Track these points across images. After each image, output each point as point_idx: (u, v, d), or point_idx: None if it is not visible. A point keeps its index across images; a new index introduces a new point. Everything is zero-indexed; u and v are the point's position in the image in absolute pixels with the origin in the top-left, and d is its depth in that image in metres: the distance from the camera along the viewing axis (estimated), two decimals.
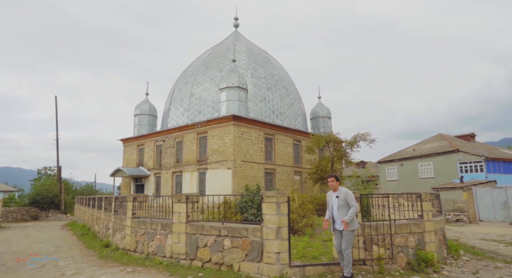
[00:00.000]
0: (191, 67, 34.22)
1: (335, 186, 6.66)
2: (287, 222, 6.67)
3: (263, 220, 6.90)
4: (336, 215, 6.56)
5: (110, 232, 12.51)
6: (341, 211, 6.45)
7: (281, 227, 6.64)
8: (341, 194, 6.53)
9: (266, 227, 6.71)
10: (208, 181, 25.97)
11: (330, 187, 6.72)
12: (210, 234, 7.57)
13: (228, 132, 25.18)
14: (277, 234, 6.61)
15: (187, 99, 31.08)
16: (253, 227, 7.05)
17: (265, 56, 33.98)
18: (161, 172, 30.64)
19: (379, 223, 7.10)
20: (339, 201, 6.50)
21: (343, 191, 6.58)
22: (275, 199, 6.71)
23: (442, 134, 36.29)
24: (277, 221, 6.64)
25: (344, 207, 6.43)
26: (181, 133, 29.16)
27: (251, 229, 7.04)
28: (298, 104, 33.33)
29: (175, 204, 8.29)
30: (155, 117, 36.38)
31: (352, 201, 6.40)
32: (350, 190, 6.59)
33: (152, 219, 9.25)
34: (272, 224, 6.65)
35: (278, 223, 6.64)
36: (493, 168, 28.87)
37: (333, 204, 6.69)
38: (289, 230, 6.66)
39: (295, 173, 29.70)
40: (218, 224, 7.65)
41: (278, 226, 6.63)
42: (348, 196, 6.45)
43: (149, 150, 32.77)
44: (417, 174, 33.19)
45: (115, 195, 12.46)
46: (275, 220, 6.66)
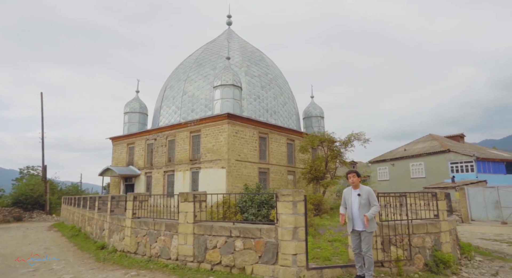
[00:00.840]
0: (183, 65, 33.64)
1: (356, 182, 6.26)
2: (304, 222, 6.37)
3: (277, 220, 6.58)
4: (357, 214, 6.14)
5: (105, 233, 11.98)
6: (362, 211, 6.07)
7: (298, 227, 6.33)
8: (364, 192, 6.14)
9: (282, 227, 6.40)
10: (201, 181, 25.50)
11: (351, 183, 6.31)
12: (220, 235, 7.21)
13: (222, 131, 24.77)
14: (294, 234, 6.30)
15: (180, 97, 30.51)
16: (267, 227, 6.72)
17: (259, 54, 33.69)
18: (152, 171, 29.98)
19: (397, 222, 6.88)
20: (360, 200, 6.09)
21: (365, 189, 6.20)
22: (291, 198, 6.41)
23: (433, 135, 36.71)
24: (294, 220, 6.34)
25: (365, 206, 6.07)
26: (173, 132, 28.58)
27: (265, 229, 6.71)
28: (292, 103, 33.16)
29: (181, 204, 7.90)
30: (146, 116, 35.63)
31: (375, 200, 6.08)
32: (371, 188, 6.27)
33: (156, 219, 8.82)
34: (288, 224, 6.35)
35: (294, 223, 6.33)
36: (483, 168, 29.31)
37: (352, 202, 6.24)
38: (306, 231, 6.36)
39: (288, 173, 29.50)
40: (229, 224, 7.29)
41: (295, 226, 6.33)
42: (371, 194, 6.09)
43: (139, 149, 32.04)
44: (409, 173, 33.45)
45: (111, 195, 11.93)
46: (291, 219, 6.35)
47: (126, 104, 35.38)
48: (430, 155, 31.70)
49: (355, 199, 6.21)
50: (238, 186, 24.35)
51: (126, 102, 35.79)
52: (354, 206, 6.19)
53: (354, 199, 6.22)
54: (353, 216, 6.21)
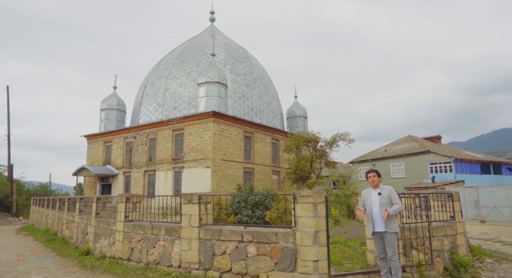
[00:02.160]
0: (165, 61, 32.50)
1: (376, 182, 5.97)
2: (325, 225, 5.91)
3: (295, 223, 6.09)
4: (377, 215, 5.82)
5: (90, 237, 11.04)
6: (383, 210, 5.77)
7: (319, 231, 5.87)
8: (385, 191, 5.86)
9: (301, 231, 5.91)
10: (184, 181, 24.62)
11: (371, 183, 6.01)
12: (230, 240, 6.62)
13: (207, 129, 24.02)
14: (315, 239, 5.83)
15: (161, 94, 29.41)
16: (284, 231, 6.22)
17: (244, 52, 33.12)
18: (131, 171, 28.71)
19: (418, 225, 6.57)
20: (381, 199, 5.80)
21: (386, 188, 5.93)
22: (312, 199, 5.93)
23: (412, 136, 37.52)
24: (315, 224, 5.87)
25: (387, 205, 5.75)
26: (154, 130, 27.48)
27: (281, 233, 6.20)
28: (277, 103, 32.84)
29: (184, 206, 7.24)
30: (124, 113, 34.18)
31: (397, 199, 5.79)
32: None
33: (153, 222, 8.08)
34: (309, 228, 5.87)
35: (315, 226, 5.86)
36: (461, 169, 30.19)
37: (372, 202, 5.94)
38: (327, 235, 5.90)
39: (273, 173, 29.13)
40: (240, 228, 6.72)
41: (316, 230, 5.86)
42: (392, 193, 5.82)
43: (117, 147, 30.64)
44: (389, 174, 33.96)
45: (97, 196, 11.02)
46: (311, 223, 5.87)
47: (103, 100, 33.82)
48: (410, 155, 32.32)
49: (376, 198, 5.93)
50: (223, 186, 23.71)
51: (102, 99, 34.24)
52: (374, 206, 5.90)
53: (375, 199, 5.93)
54: (373, 217, 5.91)
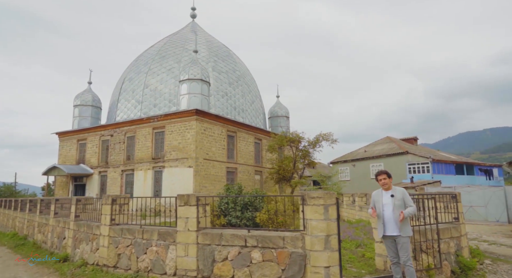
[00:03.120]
0: (144, 56, 31.38)
1: (388, 183, 5.72)
2: (336, 229, 5.57)
3: (305, 227, 5.71)
4: (390, 217, 5.58)
5: (68, 242, 10.20)
6: (396, 213, 5.54)
7: (330, 235, 5.52)
8: (398, 193, 5.62)
9: (311, 235, 5.53)
10: (165, 181, 23.78)
11: (382, 185, 5.77)
12: (231, 245, 6.15)
13: (189, 127, 23.30)
14: (326, 243, 5.47)
15: (140, 90, 28.35)
16: (292, 236, 5.82)
17: (226, 50, 32.54)
18: (107, 170, 27.47)
19: (426, 227, 6.36)
20: (395, 201, 5.56)
21: (399, 190, 5.69)
22: (323, 201, 5.57)
23: (390, 137, 38.28)
24: (326, 227, 5.51)
25: (400, 207, 5.52)
26: (133, 128, 26.41)
27: (289, 237, 5.80)
28: (259, 102, 32.50)
29: (180, 208, 6.69)
30: (100, 110, 32.75)
31: (411, 201, 5.56)
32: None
33: (144, 226, 7.46)
34: (320, 232, 5.50)
35: (326, 230, 5.50)
36: (437, 169, 31.03)
37: (384, 204, 5.70)
38: (339, 239, 5.57)
39: (255, 173, 28.75)
40: (243, 232, 6.25)
41: (327, 233, 5.50)
42: (405, 195, 5.57)
43: (92, 146, 29.26)
44: (369, 174, 34.43)
45: (76, 197, 10.19)
46: (322, 226, 5.51)
47: (77, 96, 32.25)
48: (390, 156, 32.90)
49: (388, 200, 5.67)
50: (205, 186, 23.08)
51: (76, 94, 32.67)
52: (387, 208, 5.66)
53: (387, 201, 5.68)
54: (385, 220, 5.67)
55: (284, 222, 12.30)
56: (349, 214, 19.04)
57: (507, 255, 9.81)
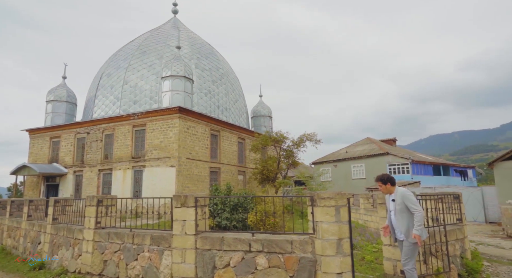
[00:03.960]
0: (123, 51, 30.20)
1: (385, 190, 5.61)
2: (348, 232, 5.24)
3: (314, 230, 5.34)
4: (395, 222, 5.51)
5: (43, 247, 9.39)
6: (399, 218, 5.36)
7: (342, 238, 5.18)
8: (398, 197, 5.41)
9: (322, 238, 5.17)
10: (145, 181, 22.88)
11: (382, 192, 5.77)
12: (234, 250, 5.69)
13: (172, 126, 22.53)
14: (338, 248, 5.13)
15: (120, 86, 27.21)
16: (301, 239, 5.43)
17: (209, 48, 31.85)
18: (83, 170, 26.19)
19: (435, 229, 6.15)
20: (396, 205, 5.40)
21: (399, 192, 5.45)
22: (334, 202, 5.22)
23: (370, 138, 38.79)
24: (337, 230, 5.16)
25: (403, 212, 5.32)
26: (111, 125, 25.29)
27: (297, 241, 5.40)
28: (243, 101, 32.02)
29: (176, 210, 6.16)
30: (75, 106, 31.25)
31: (413, 203, 5.20)
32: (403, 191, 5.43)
33: (134, 229, 6.85)
34: (331, 235, 5.15)
35: (338, 233, 5.16)
36: (416, 170, 31.66)
37: (390, 209, 5.66)
38: (351, 243, 5.24)
39: (239, 173, 28.27)
40: (247, 235, 5.80)
41: (339, 237, 5.15)
42: (405, 198, 5.30)
43: (67, 144, 27.84)
44: (350, 174, 34.73)
45: (54, 198, 9.37)
46: (334, 229, 5.16)
47: (50, 91, 30.64)
48: (371, 157, 33.27)
49: (391, 206, 5.58)
50: (188, 187, 22.39)
51: (49, 89, 31.05)
52: (392, 214, 5.56)
53: (391, 206, 5.59)
54: (392, 225, 5.61)
55: (276, 223, 11.96)
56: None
57: (498, 256, 9.86)
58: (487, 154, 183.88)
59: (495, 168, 18.04)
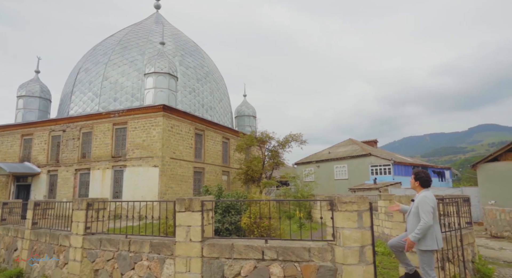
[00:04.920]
0: (103, 46, 28.93)
1: (412, 186, 5.30)
2: (371, 238, 4.92)
3: (334, 237, 4.99)
4: (407, 224, 5.15)
5: (21, 254, 8.56)
6: (411, 220, 5.00)
7: (365, 245, 4.85)
8: (417, 199, 5.11)
9: (344, 246, 4.82)
10: (126, 181, 21.91)
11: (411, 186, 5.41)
12: (245, 258, 5.24)
13: (156, 124, 21.69)
14: (361, 256, 4.79)
15: (99, 82, 26.02)
16: (319, 246, 5.05)
17: (193, 45, 31.07)
18: (58, 169, 24.83)
19: (450, 233, 5.94)
20: (412, 208, 5.09)
21: (419, 196, 5.10)
22: (356, 206, 4.89)
23: (352, 139, 39.18)
24: (360, 237, 4.83)
25: (415, 215, 4.95)
26: (90, 123, 24.10)
27: (316, 249, 5.03)
28: (227, 100, 31.46)
29: (180, 214, 5.64)
30: (49, 102, 29.67)
31: (424, 212, 4.72)
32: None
33: (130, 235, 6.26)
34: (353, 242, 4.81)
35: (361, 240, 4.83)
36: (398, 171, 32.18)
37: (409, 208, 5.32)
38: (373, 250, 4.92)
39: (223, 173, 27.70)
40: (259, 242, 5.37)
41: (361, 244, 4.82)
42: (421, 203, 4.87)
43: (40, 141, 26.34)
44: (333, 175, 34.88)
45: (34, 200, 8.54)
46: (356, 236, 4.83)
47: (21, 86, 28.97)
48: (353, 158, 33.54)
49: (412, 204, 5.24)
50: (172, 187, 21.64)
51: (21, 84, 29.35)
52: (408, 213, 5.20)
53: (411, 206, 5.25)
54: (407, 225, 5.21)
55: (270, 226, 11.57)
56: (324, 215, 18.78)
57: (493, 258, 9.89)
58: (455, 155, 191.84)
59: (478, 170, 18.45)
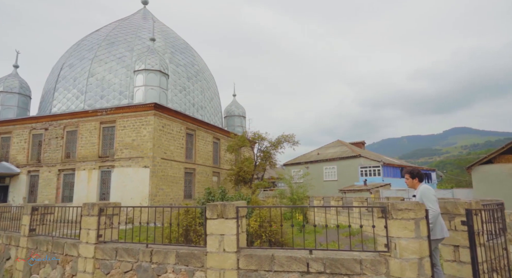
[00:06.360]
0: (88, 41, 27.68)
1: (410, 184, 5.35)
2: (428, 249, 4.55)
3: (389, 247, 4.59)
4: None
5: (16, 265, 7.74)
6: None
7: (423, 257, 4.47)
8: (418, 193, 5.18)
9: (401, 258, 4.43)
10: (114, 182, 20.93)
11: (408, 185, 5.47)
12: (288, 270, 4.76)
13: (146, 123, 20.84)
14: (419, 269, 4.41)
15: (84, 79, 24.82)
16: (372, 259, 4.63)
17: (184, 42, 30.24)
18: (39, 170, 23.50)
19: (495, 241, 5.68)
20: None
21: (420, 189, 5.20)
22: (413, 214, 4.50)
23: (341, 141, 39.33)
24: (418, 248, 4.45)
25: None
26: (75, 121, 22.92)
27: (368, 261, 4.61)
28: (218, 100, 30.81)
29: (211, 222, 5.10)
30: (29, 98, 28.11)
31: (430, 201, 4.85)
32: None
33: (151, 244, 5.65)
34: (411, 254, 4.42)
35: (419, 251, 4.44)
36: (387, 173, 32.47)
37: None
38: (431, 262, 4.55)
39: (213, 174, 27.04)
40: (303, 252, 4.89)
41: (420, 256, 4.44)
42: (423, 194, 5.00)
43: (20, 140, 24.89)
44: (322, 176, 34.82)
45: (32, 204, 7.74)
46: (414, 246, 4.44)
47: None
48: (343, 159, 33.61)
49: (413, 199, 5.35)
50: (162, 189, 20.84)
51: None
52: None
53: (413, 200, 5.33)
54: None
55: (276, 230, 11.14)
56: (321, 217, 18.50)
57: None
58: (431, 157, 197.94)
59: (473, 172, 18.68)
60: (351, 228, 10.43)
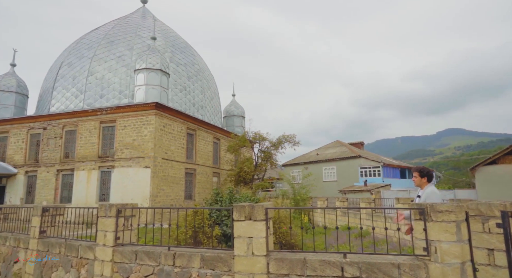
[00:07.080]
0: (87, 40, 27.27)
1: (418, 183, 5.11)
2: (470, 253, 4.39)
3: (429, 251, 4.41)
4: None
5: (26, 268, 7.45)
6: None
7: (465, 261, 4.30)
8: (424, 193, 5.00)
9: (442, 262, 4.25)
10: (114, 182, 20.59)
11: (415, 183, 5.23)
12: (321, 275, 4.57)
13: (147, 123, 20.53)
14: (462, 274, 4.24)
15: (83, 78, 24.43)
16: (411, 263, 4.45)
17: (183, 41, 29.95)
18: (37, 170, 23.06)
19: None
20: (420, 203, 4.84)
21: (427, 190, 5.01)
22: (454, 216, 4.33)
23: (340, 141, 39.27)
24: (460, 252, 4.28)
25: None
26: (74, 121, 22.53)
27: (407, 265, 4.43)
28: (218, 99, 30.56)
29: (238, 223, 4.89)
30: (26, 98, 27.60)
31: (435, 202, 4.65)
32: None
33: (173, 247, 5.41)
34: (453, 258, 4.24)
35: (461, 255, 4.27)
36: (386, 173, 32.46)
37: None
38: (473, 266, 4.39)
39: (213, 174, 26.78)
40: (336, 256, 4.69)
41: (462, 260, 4.27)
42: (429, 196, 4.87)
43: (17, 140, 24.42)
44: (321, 177, 34.70)
45: (42, 205, 7.47)
46: (456, 250, 4.27)
47: None
48: (343, 159, 33.54)
49: (416, 200, 5.13)
50: (163, 189, 20.56)
51: None
52: None
53: (416, 201, 5.13)
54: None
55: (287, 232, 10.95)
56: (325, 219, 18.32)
57: None
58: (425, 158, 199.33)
59: (477, 173, 18.68)
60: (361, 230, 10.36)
